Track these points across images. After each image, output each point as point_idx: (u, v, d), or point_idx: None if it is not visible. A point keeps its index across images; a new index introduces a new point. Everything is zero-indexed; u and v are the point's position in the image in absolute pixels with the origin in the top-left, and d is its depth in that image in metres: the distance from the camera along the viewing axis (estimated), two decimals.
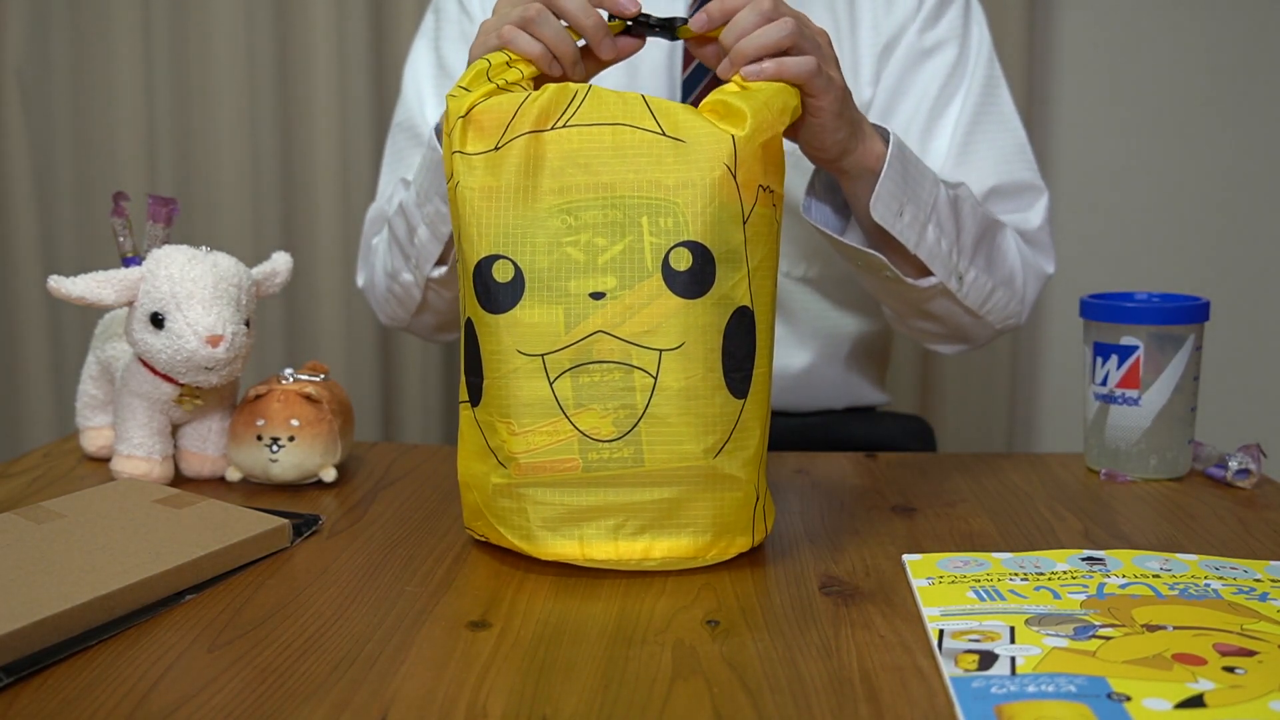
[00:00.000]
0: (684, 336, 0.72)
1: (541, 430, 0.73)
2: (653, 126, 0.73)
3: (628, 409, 0.72)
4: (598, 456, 0.73)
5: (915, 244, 0.93)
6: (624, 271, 0.72)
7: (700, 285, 0.72)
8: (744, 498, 0.75)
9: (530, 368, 0.73)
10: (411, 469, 1.00)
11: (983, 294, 1.02)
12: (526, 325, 0.73)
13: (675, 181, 0.72)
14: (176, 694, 0.58)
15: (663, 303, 0.72)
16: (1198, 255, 1.91)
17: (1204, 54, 1.86)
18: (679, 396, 0.72)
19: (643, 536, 0.74)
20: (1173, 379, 0.94)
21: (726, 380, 0.73)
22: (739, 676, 0.60)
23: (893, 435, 1.28)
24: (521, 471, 0.74)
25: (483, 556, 0.78)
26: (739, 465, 0.74)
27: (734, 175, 0.73)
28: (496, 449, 0.75)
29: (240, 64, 1.79)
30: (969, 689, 0.57)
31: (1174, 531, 0.83)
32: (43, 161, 1.84)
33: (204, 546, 0.74)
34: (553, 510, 0.74)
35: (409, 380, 1.89)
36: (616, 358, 0.72)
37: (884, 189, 0.89)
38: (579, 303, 0.72)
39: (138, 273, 0.89)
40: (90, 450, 1.02)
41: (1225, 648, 0.61)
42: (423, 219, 1.02)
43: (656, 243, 0.72)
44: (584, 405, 0.72)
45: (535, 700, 0.58)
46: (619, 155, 0.73)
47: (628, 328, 0.72)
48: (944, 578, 0.73)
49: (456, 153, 0.75)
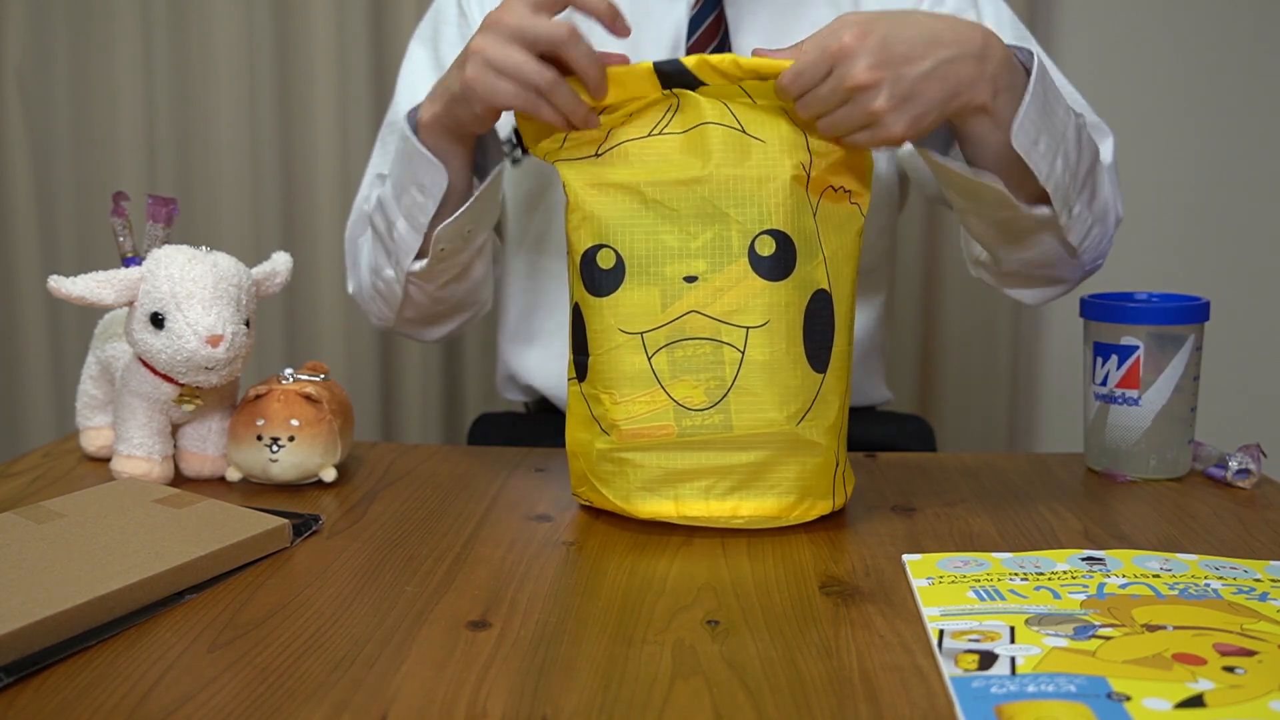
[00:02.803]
0: (768, 315, 0.79)
1: (640, 399, 0.81)
2: (734, 124, 0.81)
3: (718, 380, 0.80)
4: (691, 423, 0.80)
5: (1046, 175, 0.88)
6: (713, 256, 0.80)
7: (783, 269, 0.80)
8: (824, 463, 0.82)
9: (631, 344, 0.81)
10: (411, 469, 1.00)
11: (1084, 230, 0.97)
12: (627, 306, 0.81)
13: (758, 175, 0.80)
14: (176, 694, 0.58)
15: (749, 284, 0.79)
16: (1198, 255, 1.91)
17: (1203, 54, 1.86)
18: (764, 369, 0.79)
19: (732, 497, 0.81)
20: (1173, 379, 0.94)
21: (808, 355, 0.81)
22: (739, 676, 0.60)
23: (893, 435, 1.28)
24: (623, 437, 0.82)
25: (483, 556, 0.78)
26: (820, 432, 0.81)
27: (808, 173, 0.81)
28: (600, 418, 0.83)
29: (240, 64, 1.79)
30: (969, 689, 0.57)
31: (1174, 531, 0.83)
32: (43, 161, 1.84)
33: (204, 546, 0.74)
34: (650, 472, 0.82)
35: (409, 380, 1.89)
36: (707, 334, 0.80)
37: (1026, 118, 0.84)
38: (674, 285, 0.80)
39: (138, 273, 0.89)
40: (90, 450, 1.02)
41: (1225, 648, 0.61)
42: (400, 211, 1.00)
43: (742, 230, 0.80)
44: (678, 377, 0.80)
45: (535, 700, 0.58)
46: (706, 153, 0.80)
47: (717, 307, 0.80)
48: (944, 578, 0.73)
49: (561, 161, 0.85)
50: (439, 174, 0.94)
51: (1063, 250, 0.99)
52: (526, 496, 0.92)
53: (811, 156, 0.81)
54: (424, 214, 0.98)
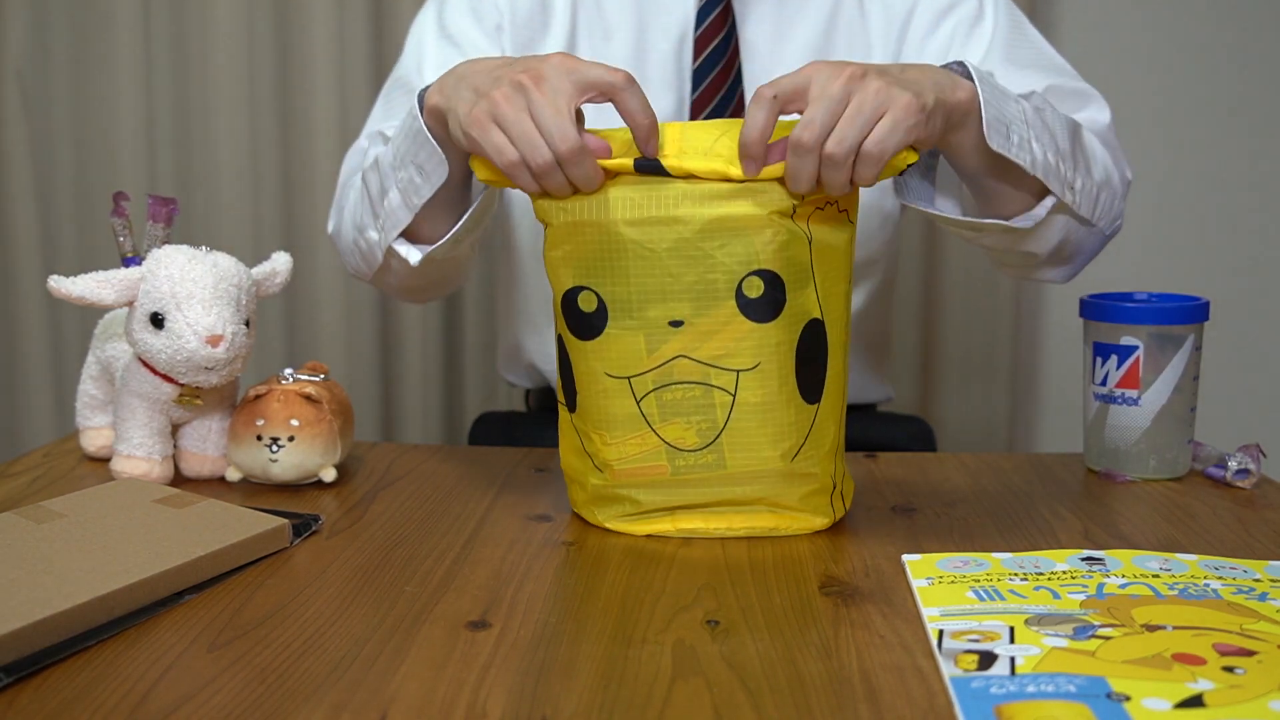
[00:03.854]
0: (758, 357, 0.77)
1: (631, 441, 0.80)
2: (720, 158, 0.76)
3: (709, 422, 0.79)
4: (684, 463, 0.80)
5: (1031, 163, 0.88)
6: (698, 300, 0.76)
7: (773, 309, 0.77)
8: (820, 488, 0.82)
9: (618, 388, 0.79)
10: (411, 469, 1.00)
11: (1091, 201, 0.97)
12: (612, 351, 0.79)
13: (743, 214, 0.75)
14: (176, 694, 0.58)
15: (737, 327, 0.77)
16: (1198, 255, 1.91)
17: (1203, 55, 1.86)
18: (757, 410, 0.78)
19: (728, 517, 0.83)
20: (1172, 379, 0.94)
21: (800, 391, 0.79)
22: (739, 676, 0.60)
23: (893, 435, 1.28)
24: (616, 476, 0.82)
25: (483, 556, 0.78)
26: (815, 463, 0.81)
27: (794, 206, 0.76)
28: (592, 454, 0.83)
29: (240, 64, 1.79)
30: (968, 689, 0.57)
31: (1174, 531, 0.83)
32: (43, 161, 1.84)
33: (204, 546, 0.74)
34: (648, 504, 0.82)
35: (409, 380, 1.89)
36: (696, 378, 0.78)
37: (989, 117, 0.84)
38: (659, 329, 0.77)
39: (138, 273, 0.89)
40: (90, 450, 1.02)
41: (1225, 648, 0.61)
42: (395, 183, 0.97)
43: (729, 272, 0.76)
44: (669, 419, 0.79)
45: (535, 700, 0.58)
46: (689, 193, 0.76)
47: (705, 351, 0.77)
48: (944, 578, 0.73)
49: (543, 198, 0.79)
50: (440, 164, 0.93)
51: (1079, 227, 0.98)
52: (526, 496, 0.92)
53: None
54: (418, 195, 0.95)
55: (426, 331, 1.89)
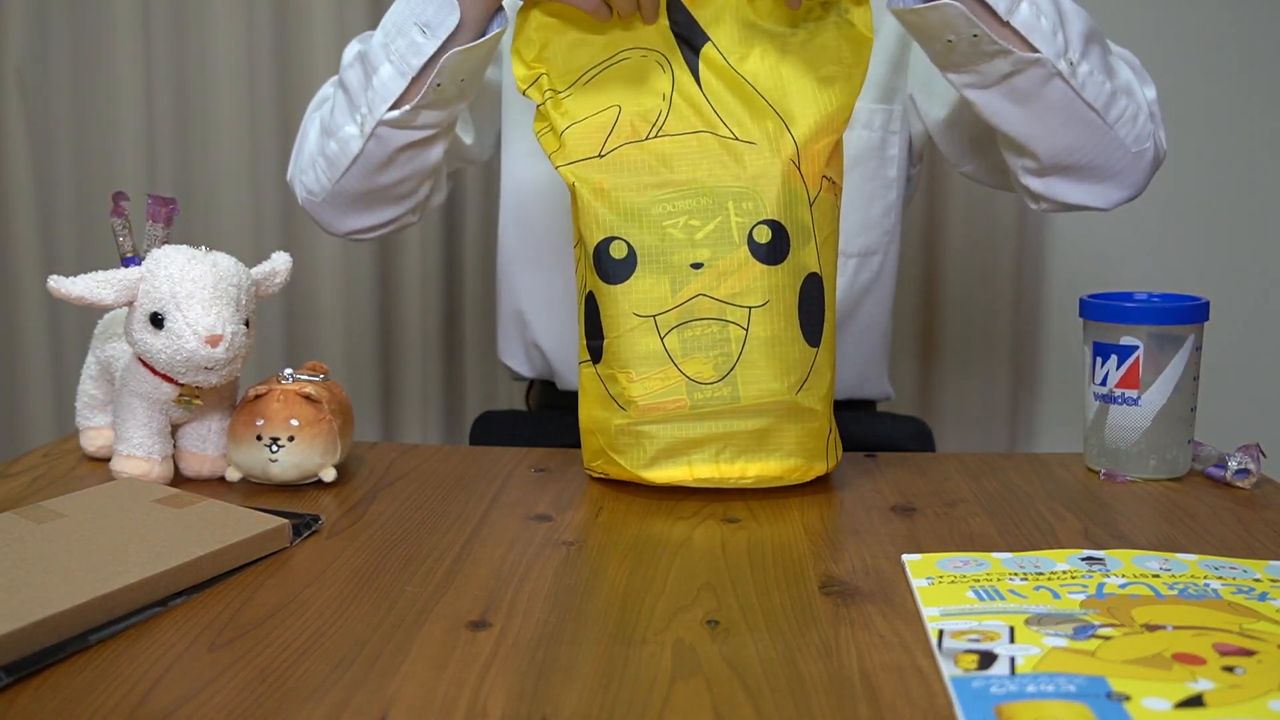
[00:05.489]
0: (768, 295, 0.88)
1: (655, 376, 0.89)
2: (727, 133, 0.90)
3: (725, 356, 0.88)
4: (702, 396, 0.88)
5: (1007, 10, 0.89)
6: (716, 246, 0.88)
7: (779, 254, 0.88)
8: (819, 427, 0.91)
9: (644, 326, 0.89)
10: (411, 469, 1.00)
11: (1103, 95, 0.96)
12: (640, 292, 0.89)
13: (752, 174, 0.89)
14: (176, 694, 0.58)
15: (749, 269, 0.88)
16: (1198, 255, 1.91)
17: (1203, 54, 1.86)
18: (766, 344, 0.88)
19: (739, 460, 0.89)
20: (1172, 379, 0.94)
21: (803, 331, 0.89)
22: (739, 676, 0.60)
23: (892, 435, 1.28)
24: (640, 412, 0.89)
25: (483, 556, 0.79)
26: (815, 400, 0.90)
27: (798, 168, 0.89)
28: (617, 395, 0.90)
29: (240, 64, 1.79)
30: (969, 689, 0.57)
31: (1174, 531, 0.83)
32: (43, 161, 1.84)
33: (204, 546, 0.74)
34: (665, 442, 0.89)
35: (409, 380, 1.89)
36: (714, 315, 0.88)
37: None
38: (682, 272, 0.88)
39: (137, 273, 0.89)
40: (90, 450, 1.02)
41: (1225, 647, 0.61)
42: (387, 56, 0.99)
43: (741, 221, 0.88)
44: (689, 355, 0.88)
45: (535, 700, 0.58)
46: (704, 156, 0.90)
47: (722, 290, 0.88)
48: (944, 578, 0.73)
49: (564, 166, 0.91)
50: (451, 10, 0.93)
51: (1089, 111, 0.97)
52: (526, 496, 0.92)
53: (798, 148, 0.89)
54: (419, 55, 0.97)
55: (426, 331, 1.89)
